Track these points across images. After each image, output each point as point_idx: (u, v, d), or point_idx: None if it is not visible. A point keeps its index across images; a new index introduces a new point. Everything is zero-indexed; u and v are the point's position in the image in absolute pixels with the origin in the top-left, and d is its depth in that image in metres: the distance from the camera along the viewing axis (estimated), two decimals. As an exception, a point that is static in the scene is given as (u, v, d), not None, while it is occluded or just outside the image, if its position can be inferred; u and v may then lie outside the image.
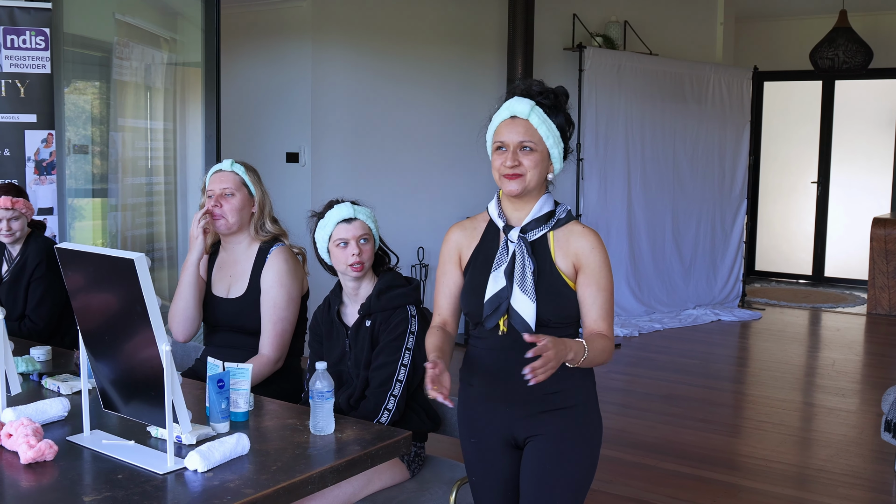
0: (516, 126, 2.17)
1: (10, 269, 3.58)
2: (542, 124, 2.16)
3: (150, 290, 1.87)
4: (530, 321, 2.14)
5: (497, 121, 2.21)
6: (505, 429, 2.26)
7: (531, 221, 2.20)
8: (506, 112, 2.19)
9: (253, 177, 3.05)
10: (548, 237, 2.20)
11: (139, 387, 2.01)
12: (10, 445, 2.04)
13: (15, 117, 4.33)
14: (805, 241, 10.29)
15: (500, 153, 2.19)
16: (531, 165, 2.16)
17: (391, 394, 2.60)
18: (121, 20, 5.08)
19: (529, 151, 2.16)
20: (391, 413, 2.60)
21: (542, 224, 2.20)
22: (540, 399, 2.20)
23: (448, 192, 7.06)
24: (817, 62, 8.95)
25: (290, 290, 2.97)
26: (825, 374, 6.24)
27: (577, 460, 2.24)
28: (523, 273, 2.15)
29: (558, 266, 2.18)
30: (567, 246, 2.19)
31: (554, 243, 2.20)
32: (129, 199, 5.15)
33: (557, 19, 7.65)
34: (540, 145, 2.17)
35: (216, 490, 1.84)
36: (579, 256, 2.18)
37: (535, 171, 2.17)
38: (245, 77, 6.49)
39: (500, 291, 2.17)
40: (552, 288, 2.16)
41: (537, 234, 2.20)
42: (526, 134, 2.16)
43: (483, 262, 2.25)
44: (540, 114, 2.16)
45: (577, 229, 2.22)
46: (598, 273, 2.17)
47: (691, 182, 8.28)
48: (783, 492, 4.02)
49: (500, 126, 2.20)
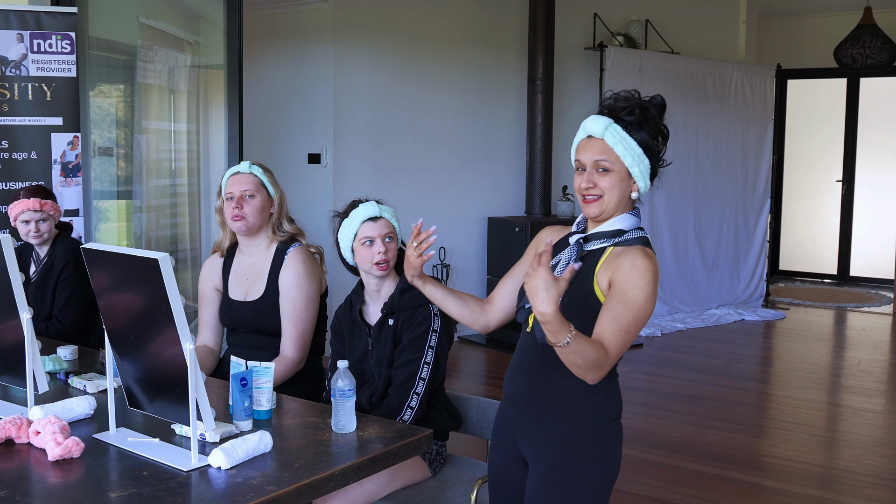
0: (591, 146, 2.10)
1: (38, 270, 3.62)
2: (619, 143, 2.07)
3: (175, 290, 1.89)
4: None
5: (576, 140, 2.16)
6: (515, 438, 2.22)
7: (597, 232, 2.13)
8: (582, 132, 2.14)
9: (270, 177, 3.07)
10: (604, 252, 2.10)
11: (164, 385, 2.04)
12: (38, 442, 2.07)
13: (41, 120, 4.39)
14: (830, 240, 10.19)
15: (578, 174, 2.13)
16: (608, 187, 2.08)
17: (414, 391, 2.61)
18: (145, 23, 5.13)
19: (605, 172, 2.08)
20: (414, 410, 2.61)
21: (605, 238, 2.11)
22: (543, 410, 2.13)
23: (469, 192, 7.07)
24: (841, 60, 8.86)
25: (309, 290, 2.99)
26: (850, 374, 6.19)
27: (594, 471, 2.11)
28: (560, 272, 2.10)
29: (597, 279, 2.07)
30: (613, 261, 2.06)
31: (606, 257, 2.09)
32: (153, 201, 5.20)
33: (578, 19, 7.64)
34: (617, 164, 2.08)
35: (239, 487, 1.86)
36: (615, 271, 2.03)
37: (613, 192, 2.08)
38: (267, 79, 6.53)
39: None
40: (581, 298, 2.07)
41: (596, 245, 2.11)
42: (601, 153, 2.08)
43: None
44: (616, 132, 2.07)
45: (634, 251, 2.05)
46: (629, 290, 1.99)
47: (714, 181, 8.23)
48: (807, 492, 3.99)
49: (579, 146, 2.14)
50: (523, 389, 2.19)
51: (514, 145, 7.32)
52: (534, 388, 2.16)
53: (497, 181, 7.22)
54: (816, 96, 10.21)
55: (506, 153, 7.30)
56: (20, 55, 4.33)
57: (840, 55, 8.86)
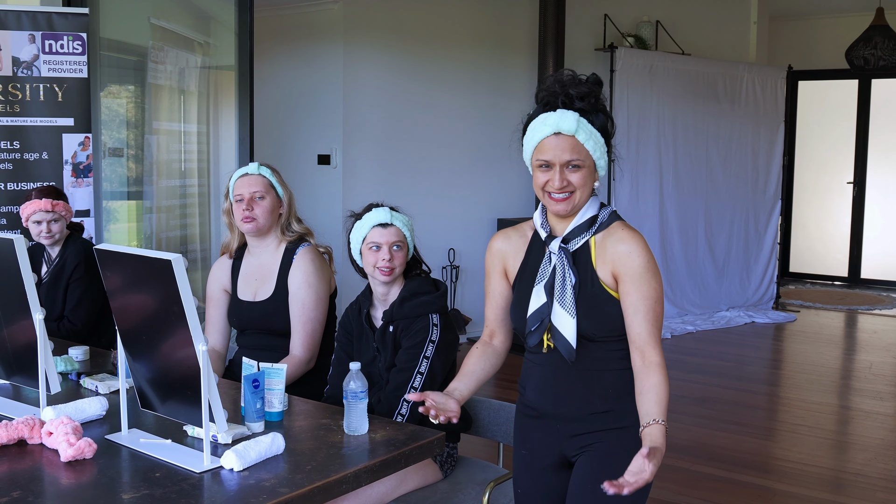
0: (562, 143, 2.00)
1: (50, 270, 3.63)
2: (590, 139, 2.00)
3: (188, 291, 1.89)
4: (571, 339, 2.02)
5: (539, 136, 2.02)
6: (555, 445, 2.16)
7: (573, 230, 2.06)
8: (546, 128, 2.01)
9: (279, 178, 3.07)
10: (589, 244, 2.06)
11: (176, 386, 2.04)
12: (50, 443, 2.07)
13: (53, 121, 4.40)
14: (841, 242, 10.15)
15: (543, 171, 2.03)
16: (580, 183, 2.02)
17: (404, 399, 2.60)
18: (156, 24, 5.14)
19: (576, 169, 2.01)
20: (404, 418, 2.60)
21: (583, 231, 2.06)
22: (591, 418, 2.10)
23: (478, 193, 7.06)
24: (853, 61, 8.82)
25: (318, 290, 2.98)
26: (862, 377, 6.15)
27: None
28: (563, 287, 2.03)
29: (600, 276, 2.03)
30: (605, 252, 2.04)
31: (595, 251, 2.05)
32: (163, 202, 5.21)
33: (588, 20, 7.63)
34: (588, 160, 2.02)
35: (252, 489, 1.86)
36: (616, 263, 2.02)
37: (585, 188, 2.03)
38: (277, 80, 6.54)
39: (542, 307, 2.05)
40: (594, 301, 2.03)
41: (579, 242, 2.06)
42: (574, 152, 2.00)
43: (529, 276, 2.12)
44: (586, 127, 1.99)
45: (618, 233, 2.05)
46: (640, 279, 1.99)
47: (724, 183, 8.21)
48: (819, 496, 3.97)
49: (544, 142, 2.02)
50: (561, 407, 2.13)
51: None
52: (576, 401, 2.10)
53: (506, 182, 7.21)
54: (828, 98, 10.17)
55: (515, 155, 7.24)
56: (32, 56, 4.34)
57: (852, 56, 8.82)
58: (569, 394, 2.11)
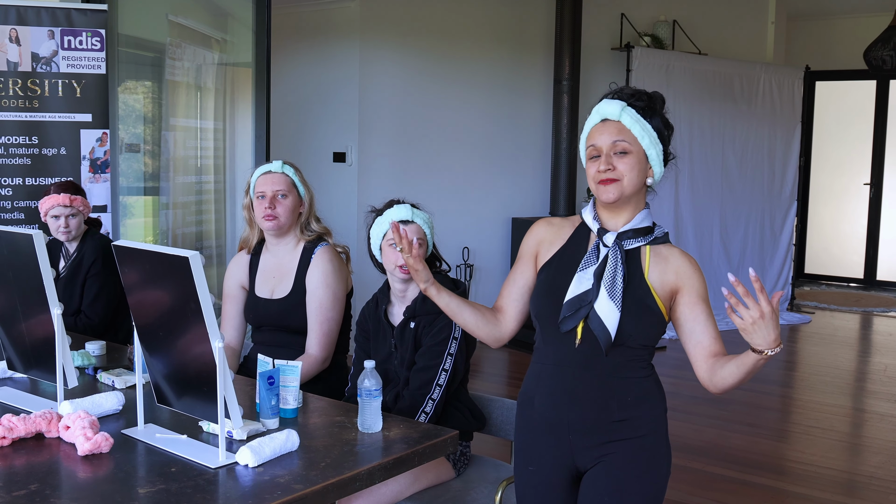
0: (607, 128, 2.04)
1: (67, 265, 3.66)
2: (636, 124, 2.02)
3: (205, 288, 1.91)
4: (611, 328, 2.00)
5: (588, 126, 2.09)
6: (567, 458, 2.12)
7: (630, 230, 2.06)
8: (596, 116, 2.07)
9: (301, 177, 3.07)
10: (642, 251, 2.07)
11: (192, 382, 2.05)
12: (67, 437, 2.09)
13: (71, 116, 4.43)
14: (857, 243, 10.09)
15: (593, 161, 2.05)
16: (627, 169, 2.02)
17: (430, 397, 2.61)
18: (174, 21, 5.17)
19: (623, 155, 2.02)
20: (428, 416, 2.61)
21: (639, 236, 2.07)
22: (608, 427, 2.07)
23: (494, 192, 7.06)
24: (871, 61, 8.76)
25: (336, 290, 3.00)
26: (877, 380, 6.12)
27: (640, 494, 2.08)
28: (614, 279, 2.01)
29: (649, 281, 2.05)
30: (665, 264, 2.06)
31: (649, 258, 2.07)
32: (179, 198, 5.24)
33: (605, 19, 7.61)
34: (635, 146, 2.03)
35: (266, 485, 1.87)
36: (681, 276, 2.06)
37: (632, 174, 2.03)
38: (294, 77, 6.56)
39: (585, 294, 2.03)
40: (640, 301, 2.03)
41: (633, 244, 2.06)
42: (619, 133, 2.02)
43: (567, 263, 2.10)
44: (632, 114, 2.02)
45: (677, 251, 2.09)
46: (705, 298, 2.08)
47: (740, 183, 8.17)
48: (832, 498, 3.96)
49: (592, 131, 2.07)
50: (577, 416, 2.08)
51: (539, 146, 7.31)
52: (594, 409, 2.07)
53: (521, 181, 7.21)
54: (845, 98, 10.11)
55: (530, 153, 7.29)
56: (51, 52, 4.37)
57: (870, 57, 8.76)
58: (586, 400, 2.08)
